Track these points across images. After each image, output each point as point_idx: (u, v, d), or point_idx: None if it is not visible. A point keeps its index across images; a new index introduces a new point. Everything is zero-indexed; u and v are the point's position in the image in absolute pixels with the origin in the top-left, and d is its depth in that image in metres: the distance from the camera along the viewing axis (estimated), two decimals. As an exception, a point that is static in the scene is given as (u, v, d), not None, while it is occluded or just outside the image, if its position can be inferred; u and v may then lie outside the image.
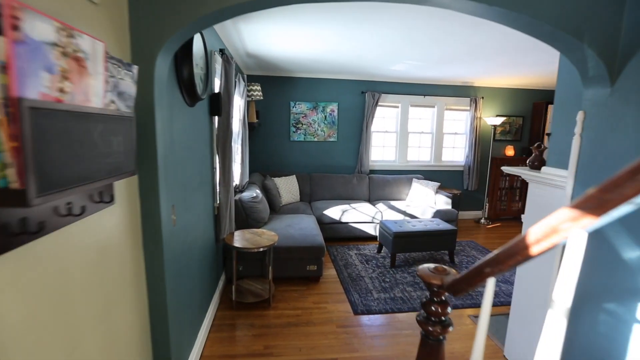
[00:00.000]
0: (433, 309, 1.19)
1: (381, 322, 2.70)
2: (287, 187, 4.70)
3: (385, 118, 5.53)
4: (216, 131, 2.82)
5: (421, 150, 5.76)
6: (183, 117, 1.95)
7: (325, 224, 4.44)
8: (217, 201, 2.90)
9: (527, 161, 2.18)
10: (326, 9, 2.35)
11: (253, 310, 2.79)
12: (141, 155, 1.32)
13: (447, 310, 1.18)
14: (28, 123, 0.64)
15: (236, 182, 3.68)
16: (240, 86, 3.58)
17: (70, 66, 0.76)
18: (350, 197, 5.09)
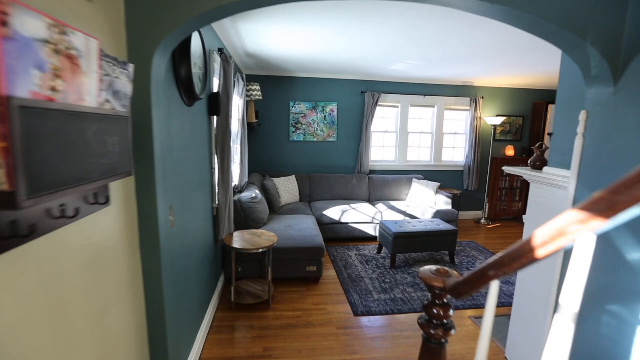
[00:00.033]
0: (435, 311, 1.17)
1: (381, 323, 2.68)
2: (286, 187, 4.68)
3: (384, 118, 5.51)
4: (215, 131, 2.79)
5: (421, 150, 5.74)
6: (181, 117, 1.93)
7: (325, 224, 4.42)
8: (216, 202, 2.88)
9: (529, 161, 2.17)
10: (326, 7, 2.33)
11: (252, 312, 2.77)
12: (137, 155, 1.30)
13: (449, 313, 1.16)
14: (17, 122, 0.61)
15: (235, 183, 3.66)
16: (239, 86, 3.56)
17: (63, 64, 0.74)
18: (349, 197, 5.07)
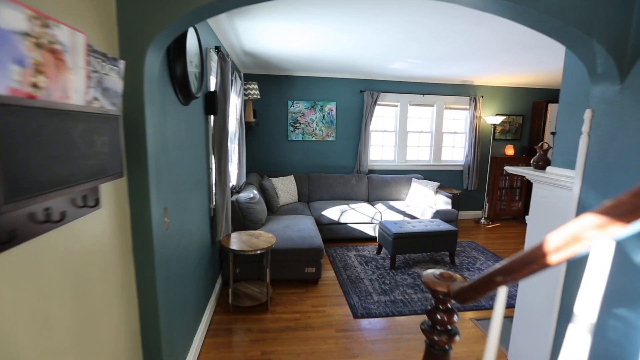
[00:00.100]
0: (438, 317, 1.13)
1: (381, 325, 2.64)
2: (284, 187, 4.64)
3: (384, 117, 5.47)
4: (212, 131, 2.75)
5: (420, 150, 5.70)
6: (177, 116, 1.88)
7: (324, 224, 4.38)
8: (213, 202, 2.83)
9: (531, 161, 2.13)
10: (325, 4, 2.28)
11: (250, 314, 2.73)
12: (130, 156, 1.25)
13: (454, 319, 1.12)
14: (-6, 121, 0.57)
15: (233, 183, 3.61)
16: (236, 85, 3.51)
17: (46, 59, 0.69)
18: (349, 198, 5.03)
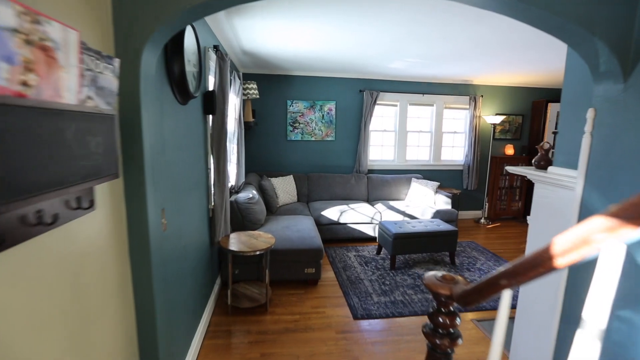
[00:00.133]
0: (441, 320, 1.11)
1: (382, 327, 2.62)
2: (284, 187, 4.61)
3: (383, 117, 5.45)
4: (210, 130, 2.72)
5: (420, 150, 5.68)
6: (175, 116, 1.86)
7: (323, 225, 4.36)
8: (212, 203, 2.81)
9: (533, 160, 2.11)
10: (325, 2, 2.26)
11: (249, 316, 2.70)
12: (126, 156, 1.22)
13: (456, 322, 1.10)
14: (-20, 121, 0.55)
15: (232, 183, 3.58)
16: (235, 84, 3.48)
17: (36, 56, 0.67)
18: (348, 198, 5.01)
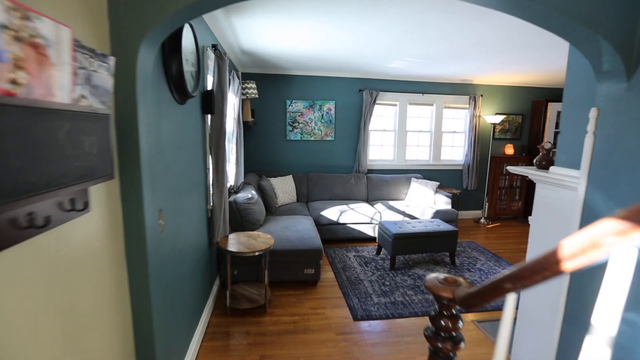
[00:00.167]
0: (443, 323, 1.09)
1: (382, 328, 2.61)
2: (283, 187, 4.59)
3: (383, 116, 5.43)
4: (209, 130, 2.70)
5: (420, 149, 5.66)
6: (172, 116, 1.83)
7: (323, 225, 4.33)
8: (211, 203, 2.79)
9: (534, 160, 2.09)
10: (323, 0, 2.24)
11: (248, 317, 2.68)
12: (122, 156, 1.20)
13: (459, 325, 1.08)
14: (-34, 120, 0.52)
15: (231, 183, 3.56)
16: (234, 84, 3.46)
17: (26, 54, 0.65)
18: (348, 198, 4.99)
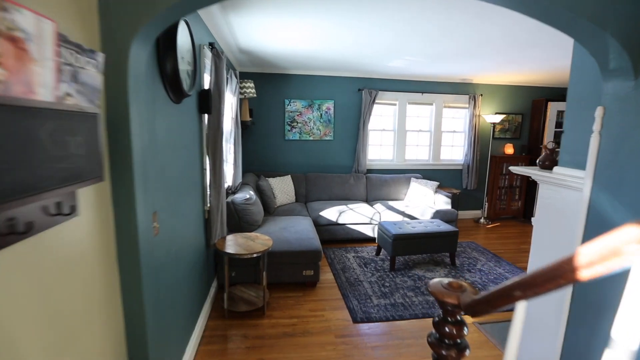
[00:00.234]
0: (447, 330, 1.05)
1: (382, 330, 2.57)
2: (282, 187, 4.55)
3: (382, 116, 5.39)
4: (206, 130, 2.65)
5: (419, 149, 5.63)
6: (168, 115, 1.79)
7: (322, 225, 4.29)
8: (208, 204, 2.74)
9: (537, 160, 2.05)
10: (322, -2, 2.20)
11: (246, 320, 2.64)
12: (113, 157, 1.16)
13: (464, 332, 1.04)
14: None
15: (228, 184, 3.52)
16: (232, 83, 3.41)
17: (3, 48, 0.60)
18: (347, 198, 4.95)
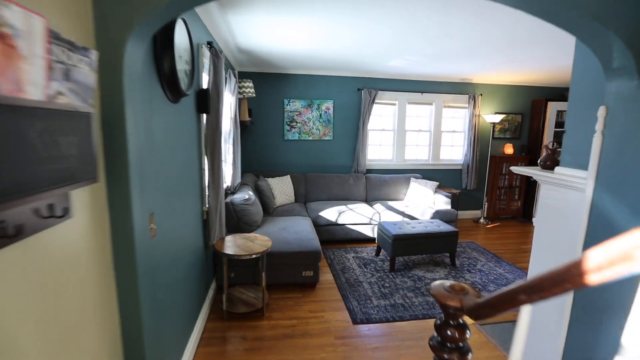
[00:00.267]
0: (449, 333, 1.03)
1: (382, 331, 2.54)
2: (281, 188, 4.52)
3: (382, 116, 5.37)
4: (205, 130, 2.63)
5: (419, 149, 5.61)
6: (165, 115, 1.76)
7: (321, 226, 4.27)
8: (206, 205, 2.72)
9: (539, 161, 2.04)
10: (322, -3, 2.18)
11: (245, 321, 2.61)
12: (109, 158, 1.13)
13: (466, 336, 1.02)
14: None
15: (227, 184, 3.49)
16: (230, 82, 3.39)
17: (-9, 44, 0.58)
18: (346, 198, 4.93)
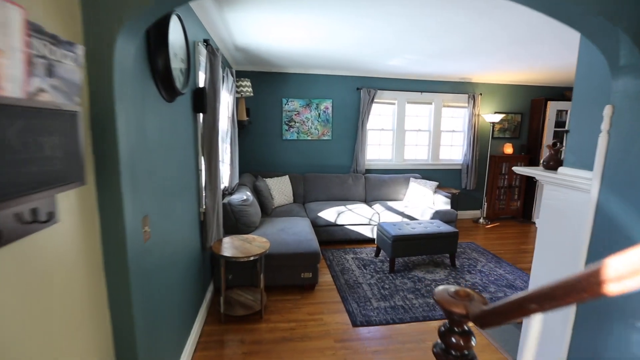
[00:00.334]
0: (454, 340, 0.99)
1: (382, 334, 2.50)
2: (279, 188, 4.48)
3: (381, 115, 5.33)
4: (201, 130, 2.58)
5: (418, 149, 5.57)
6: (160, 114, 1.72)
7: (320, 226, 4.23)
8: (203, 206, 2.67)
9: (542, 161, 2.00)
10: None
11: (243, 324, 2.57)
12: (98, 159, 1.08)
13: (471, 343, 0.98)
14: None
15: (225, 184, 3.44)
16: (228, 81, 3.34)
17: (-39, 36, 0.53)
18: (345, 198, 4.89)
